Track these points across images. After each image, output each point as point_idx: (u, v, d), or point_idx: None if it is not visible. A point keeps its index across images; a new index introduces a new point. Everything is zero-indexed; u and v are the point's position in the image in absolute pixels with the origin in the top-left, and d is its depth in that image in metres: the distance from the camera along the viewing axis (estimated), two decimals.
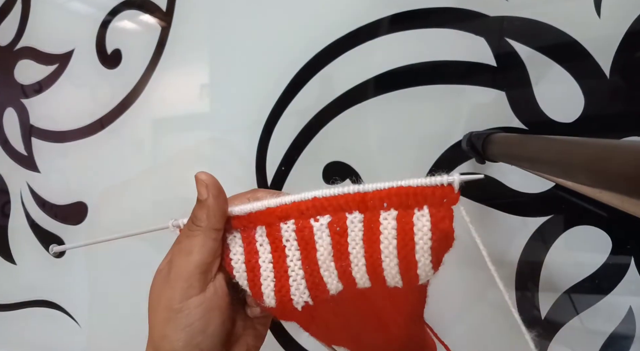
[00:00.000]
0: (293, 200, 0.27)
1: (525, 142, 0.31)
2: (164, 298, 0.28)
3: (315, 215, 0.27)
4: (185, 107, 0.54)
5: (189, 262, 0.28)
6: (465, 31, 0.41)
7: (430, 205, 0.25)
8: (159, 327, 0.28)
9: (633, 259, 0.38)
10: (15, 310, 0.66)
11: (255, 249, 0.28)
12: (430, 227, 0.25)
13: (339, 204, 0.26)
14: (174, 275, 0.28)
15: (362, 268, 0.27)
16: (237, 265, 0.29)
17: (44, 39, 0.62)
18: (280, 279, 0.28)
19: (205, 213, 0.28)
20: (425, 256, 0.25)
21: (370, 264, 0.26)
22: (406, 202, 0.25)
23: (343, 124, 0.46)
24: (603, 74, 0.37)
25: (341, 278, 0.27)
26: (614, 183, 0.19)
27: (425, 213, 0.25)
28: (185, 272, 0.28)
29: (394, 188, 0.25)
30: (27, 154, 0.63)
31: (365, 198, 0.26)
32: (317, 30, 0.46)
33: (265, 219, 0.28)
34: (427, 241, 0.25)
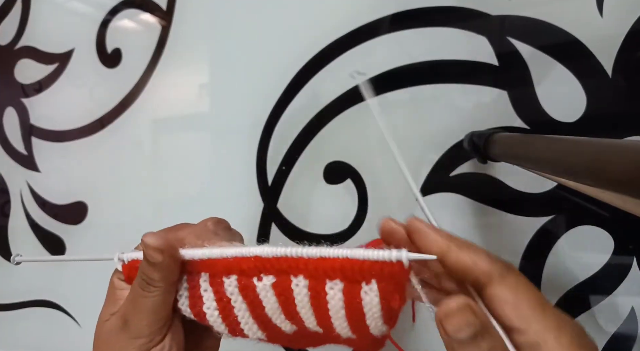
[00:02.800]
0: (234, 254, 0.26)
1: (527, 141, 0.31)
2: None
3: (259, 274, 0.25)
4: (185, 107, 0.54)
5: (151, 321, 0.27)
6: (467, 30, 0.41)
7: (378, 280, 0.23)
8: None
9: (635, 259, 0.38)
10: (15, 310, 0.66)
11: (199, 294, 0.27)
12: (379, 301, 0.23)
13: (282, 267, 0.25)
14: (134, 333, 0.27)
15: (313, 322, 0.26)
16: (183, 308, 0.28)
17: (44, 38, 0.62)
18: (230, 324, 0.27)
19: (162, 274, 0.26)
20: (377, 321, 0.24)
21: (321, 322, 0.26)
22: (352, 276, 0.23)
23: (343, 124, 0.46)
24: (605, 73, 0.37)
25: (294, 325, 0.27)
26: (616, 183, 0.19)
27: (374, 288, 0.23)
28: (147, 330, 0.27)
29: (339, 260, 0.23)
30: (27, 154, 0.63)
31: (309, 266, 0.24)
32: (317, 29, 0.46)
33: (208, 268, 0.27)
34: (377, 311, 0.24)
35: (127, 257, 0.29)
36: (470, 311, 0.21)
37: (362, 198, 0.46)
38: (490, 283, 0.22)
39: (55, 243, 0.62)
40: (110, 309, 0.29)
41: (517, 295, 0.21)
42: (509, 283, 0.21)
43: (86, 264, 0.60)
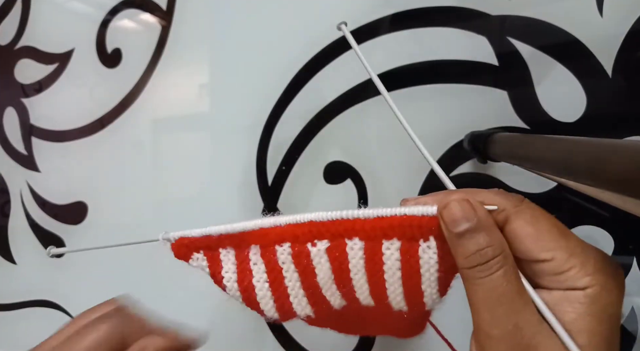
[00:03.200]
0: (288, 221, 0.25)
1: (527, 141, 0.31)
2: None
3: (313, 240, 0.25)
4: (185, 107, 0.54)
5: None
6: (467, 30, 0.41)
7: (436, 236, 0.23)
8: None
9: (635, 259, 0.38)
10: (15, 310, 0.66)
11: (249, 268, 0.27)
12: (437, 260, 0.23)
13: (338, 230, 0.24)
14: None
15: (365, 292, 0.26)
16: (229, 284, 0.27)
17: (44, 38, 0.62)
18: (279, 297, 0.27)
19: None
20: (432, 286, 0.24)
21: (374, 290, 0.25)
22: (411, 233, 0.23)
23: (344, 124, 0.46)
24: (605, 73, 0.37)
25: (344, 298, 0.27)
26: (616, 183, 0.18)
27: (432, 245, 0.23)
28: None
29: (397, 217, 0.23)
30: (27, 154, 0.63)
31: (365, 227, 0.24)
32: (317, 29, 0.46)
33: (259, 239, 0.26)
34: (433, 273, 0.23)
35: (174, 236, 0.28)
36: (469, 205, 0.21)
37: (362, 198, 0.46)
38: (508, 220, 0.22)
39: (55, 243, 0.62)
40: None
41: (537, 227, 0.21)
42: (526, 216, 0.21)
43: (86, 264, 0.60)
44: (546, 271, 0.21)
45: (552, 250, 0.20)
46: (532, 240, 0.21)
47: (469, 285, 0.21)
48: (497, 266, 0.21)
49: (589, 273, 0.20)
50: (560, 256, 0.20)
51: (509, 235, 0.22)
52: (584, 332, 0.20)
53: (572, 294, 0.20)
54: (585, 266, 0.20)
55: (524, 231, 0.21)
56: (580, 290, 0.20)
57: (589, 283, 0.20)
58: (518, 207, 0.22)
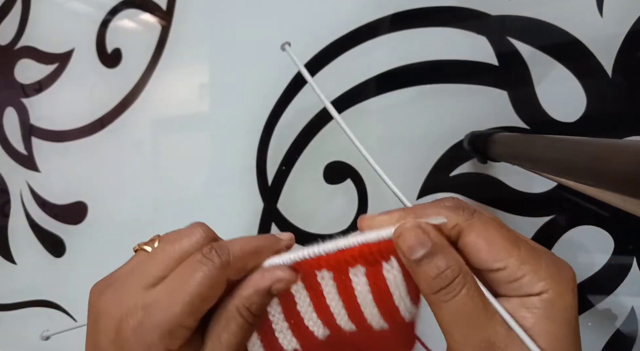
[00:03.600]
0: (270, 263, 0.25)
1: (527, 141, 0.31)
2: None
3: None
4: (185, 107, 0.54)
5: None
6: (467, 30, 0.41)
7: (396, 255, 0.24)
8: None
9: (635, 259, 0.38)
10: (15, 310, 0.66)
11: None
12: (402, 277, 0.24)
13: (305, 266, 0.25)
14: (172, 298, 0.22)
15: (344, 316, 0.26)
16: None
17: (44, 38, 0.62)
18: (266, 335, 0.27)
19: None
20: (405, 300, 0.25)
21: (352, 314, 0.26)
22: (372, 258, 0.24)
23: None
24: (605, 73, 0.37)
25: (326, 326, 0.27)
26: (616, 183, 0.19)
27: (394, 264, 0.24)
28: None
29: (355, 248, 0.24)
30: (27, 154, 0.63)
31: (330, 261, 0.25)
32: (317, 29, 0.46)
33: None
34: (402, 288, 0.24)
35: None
36: (421, 231, 0.22)
37: (362, 198, 0.46)
38: (460, 234, 0.22)
39: (55, 243, 0.62)
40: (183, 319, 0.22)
41: (488, 238, 0.21)
42: (478, 229, 0.22)
43: (86, 264, 0.60)
44: (502, 280, 0.21)
45: (503, 259, 0.21)
46: (485, 252, 0.21)
47: (435, 309, 0.22)
48: (460, 287, 0.21)
49: (542, 278, 0.21)
50: (512, 264, 0.21)
51: (464, 249, 0.22)
52: (543, 335, 0.20)
53: (529, 300, 0.21)
54: (537, 272, 0.21)
55: (476, 244, 0.22)
56: (535, 295, 0.21)
57: (543, 288, 0.20)
58: (469, 221, 0.22)
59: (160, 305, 0.22)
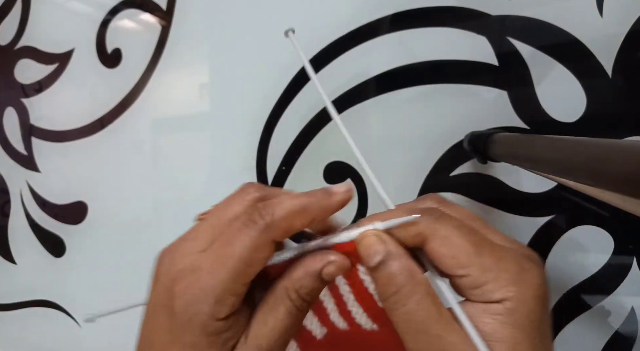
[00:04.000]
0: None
1: (527, 141, 0.31)
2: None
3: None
4: (185, 107, 0.54)
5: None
6: (467, 30, 0.41)
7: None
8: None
9: (635, 259, 0.38)
10: (15, 310, 0.66)
11: None
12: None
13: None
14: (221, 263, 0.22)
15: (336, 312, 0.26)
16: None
17: (44, 38, 0.62)
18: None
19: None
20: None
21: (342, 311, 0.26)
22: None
23: (344, 124, 0.46)
24: (605, 73, 0.37)
25: (322, 324, 0.27)
26: (616, 183, 0.19)
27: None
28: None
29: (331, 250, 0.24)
30: (27, 154, 0.63)
31: None
32: (317, 29, 0.46)
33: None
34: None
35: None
36: (377, 239, 0.22)
37: (362, 198, 0.46)
38: (425, 241, 0.22)
39: (55, 243, 0.62)
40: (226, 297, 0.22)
41: (451, 246, 0.21)
42: (441, 235, 0.22)
43: (86, 264, 0.60)
44: (466, 286, 0.21)
45: (466, 266, 0.21)
46: (448, 259, 0.21)
47: (391, 317, 0.22)
48: (409, 295, 0.21)
49: (503, 285, 0.20)
50: (474, 272, 0.21)
51: (430, 255, 0.22)
52: (504, 342, 0.20)
53: (492, 306, 0.21)
54: (498, 280, 0.21)
55: (440, 251, 0.22)
56: (497, 302, 0.20)
57: (504, 296, 0.20)
58: (433, 227, 0.22)
59: (207, 269, 0.22)
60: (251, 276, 0.22)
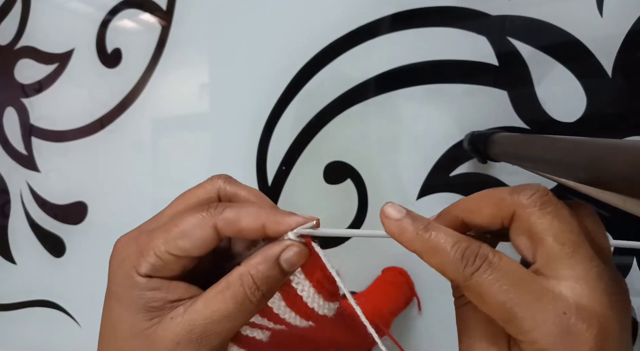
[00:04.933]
0: None
1: (527, 141, 0.31)
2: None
3: None
4: (185, 107, 0.54)
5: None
6: (467, 30, 0.41)
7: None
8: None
9: (635, 259, 0.38)
10: (15, 310, 0.66)
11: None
12: (304, 278, 0.24)
13: None
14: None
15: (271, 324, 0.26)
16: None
17: (44, 38, 0.62)
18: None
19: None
20: (317, 301, 0.24)
21: (276, 322, 0.26)
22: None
23: (344, 124, 0.46)
24: (605, 73, 0.37)
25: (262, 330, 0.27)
26: (616, 183, 0.18)
27: (301, 277, 0.24)
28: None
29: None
30: (27, 154, 0.63)
31: None
32: (317, 29, 0.46)
33: None
34: (309, 290, 0.24)
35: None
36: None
37: (362, 198, 0.46)
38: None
39: (55, 243, 0.62)
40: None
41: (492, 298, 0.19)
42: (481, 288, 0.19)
43: (86, 264, 0.60)
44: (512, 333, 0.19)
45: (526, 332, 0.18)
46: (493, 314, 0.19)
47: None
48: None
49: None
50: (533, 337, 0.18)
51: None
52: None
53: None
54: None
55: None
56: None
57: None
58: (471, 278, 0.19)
59: (147, 232, 0.24)
60: (182, 249, 0.22)
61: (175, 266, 0.23)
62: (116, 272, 0.24)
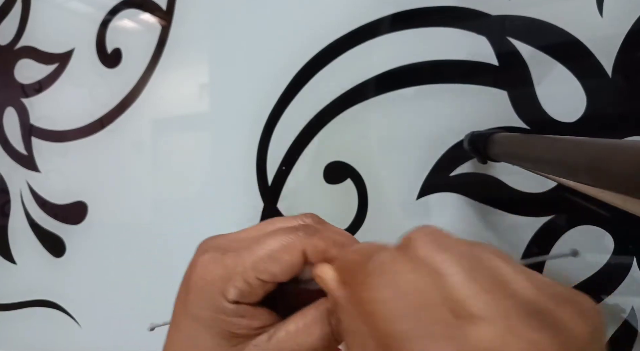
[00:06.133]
0: None
1: (527, 141, 0.31)
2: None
3: None
4: (185, 107, 0.54)
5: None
6: (467, 30, 0.41)
7: None
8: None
9: (635, 259, 0.38)
10: (15, 310, 0.66)
11: None
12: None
13: None
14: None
15: None
16: None
17: (44, 38, 0.62)
18: None
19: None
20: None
21: None
22: None
23: (344, 124, 0.46)
24: (605, 73, 0.37)
25: None
26: (616, 182, 0.18)
27: None
28: None
29: None
30: (27, 154, 0.63)
31: None
32: (317, 29, 0.46)
33: None
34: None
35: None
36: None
37: (362, 198, 0.46)
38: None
39: (55, 243, 0.62)
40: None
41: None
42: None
43: (86, 264, 0.60)
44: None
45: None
46: None
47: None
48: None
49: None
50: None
51: None
52: None
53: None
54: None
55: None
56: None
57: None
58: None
59: (234, 251, 0.22)
60: (271, 274, 0.22)
61: (261, 291, 0.22)
62: (199, 295, 0.22)
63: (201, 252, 0.23)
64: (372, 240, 0.24)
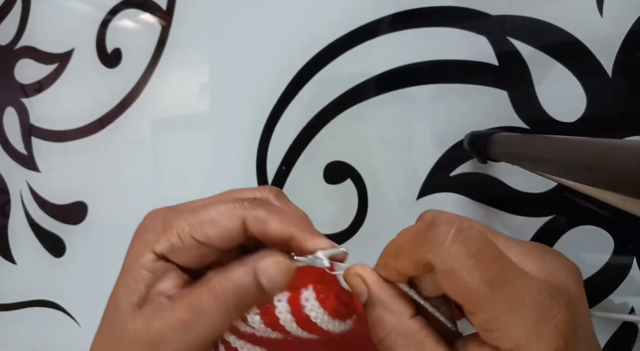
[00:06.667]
0: None
1: (527, 141, 0.31)
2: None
3: None
4: (185, 107, 0.54)
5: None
6: (467, 30, 0.41)
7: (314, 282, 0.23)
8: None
9: (635, 259, 0.38)
10: (15, 310, 0.66)
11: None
12: (319, 305, 0.23)
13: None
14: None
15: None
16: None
17: (44, 38, 0.62)
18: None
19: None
20: (331, 323, 0.24)
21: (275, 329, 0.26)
22: (292, 283, 0.23)
23: (344, 124, 0.46)
24: (605, 73, 0.37)
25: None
26: (616, 182, 0.18)
27: (311, 292, 0.23)
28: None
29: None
30: (27, 154, 0.63)
31: None
32: (317, 29, 0.46)
33: None
34: (323, 315, 0.23)
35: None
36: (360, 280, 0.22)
37: (362, 198, 0.46)
38: (432, 270, 0.20)
39: (55, 243, 0.62)
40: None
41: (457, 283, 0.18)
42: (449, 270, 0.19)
43: (86, 264, 0.60)
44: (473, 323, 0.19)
45: (474, 309, 0.18)
46: (452, 295, 0.19)
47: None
48: (390, 347, 0.21)
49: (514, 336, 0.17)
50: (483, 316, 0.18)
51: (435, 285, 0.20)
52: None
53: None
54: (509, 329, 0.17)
55: (442, 285, 0.19)
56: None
57: (514, 348, 0.18)
58: (442, 257, 0.18)
59: (180, 213, 0.23)
60: (205, 234, 0.22)
61: (194, 252, 0.22)
62: (134, 245, 0.24)
63: (156, 209, 0.24)
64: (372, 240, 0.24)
